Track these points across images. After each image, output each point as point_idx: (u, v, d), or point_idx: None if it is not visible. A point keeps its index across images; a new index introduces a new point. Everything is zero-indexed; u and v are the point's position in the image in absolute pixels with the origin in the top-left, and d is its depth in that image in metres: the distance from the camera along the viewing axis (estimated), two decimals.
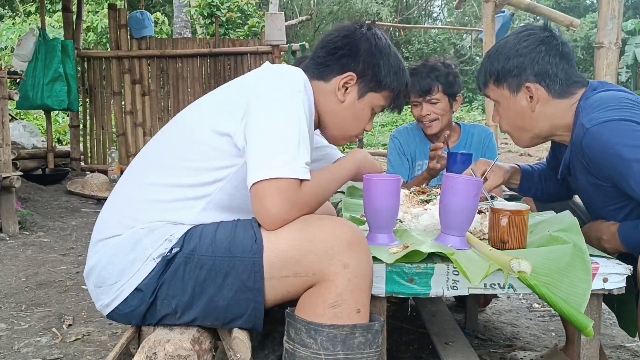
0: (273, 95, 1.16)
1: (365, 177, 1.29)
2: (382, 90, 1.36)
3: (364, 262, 1.09)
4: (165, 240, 1.13)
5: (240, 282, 1.10)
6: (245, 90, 1.20)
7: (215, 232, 1.14)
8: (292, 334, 1.10)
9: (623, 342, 2.09)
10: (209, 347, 1.16)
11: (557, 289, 1.11)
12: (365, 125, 1.40)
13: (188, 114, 1.29)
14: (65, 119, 8.41)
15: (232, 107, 1.18)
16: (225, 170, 1.18)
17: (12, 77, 4.67)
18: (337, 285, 1.07)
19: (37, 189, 4.96)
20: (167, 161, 1.21)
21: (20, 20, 11.74)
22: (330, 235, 1.08)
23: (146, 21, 5.79)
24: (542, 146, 8.60)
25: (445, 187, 1.26)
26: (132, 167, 1.28)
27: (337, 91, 1.33)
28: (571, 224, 1.28)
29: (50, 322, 2.23)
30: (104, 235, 1.19)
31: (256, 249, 1.10)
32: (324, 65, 1.34)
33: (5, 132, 3.69)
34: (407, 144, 2.34)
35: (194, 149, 1.18)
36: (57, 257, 3.22)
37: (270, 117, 1.13)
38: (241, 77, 1.30)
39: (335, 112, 1.35)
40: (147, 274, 1.13)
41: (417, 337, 2.12)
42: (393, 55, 1.36)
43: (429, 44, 18.06)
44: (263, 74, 1.25)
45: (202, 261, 1.11)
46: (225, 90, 1.28)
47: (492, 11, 4.01)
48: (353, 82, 1.33)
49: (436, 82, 2.15)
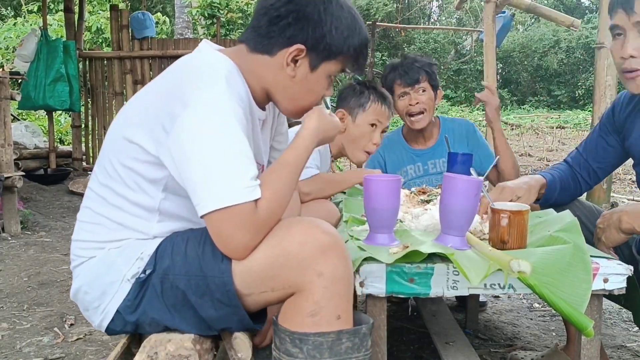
0: (198, 105, 1.03)
1: (366, 177, 1.29)
2: (337, 57, 1.19)
3: (339, 267, 1.04)
4: (137, 259, 1.11)
5: (216, 299, 1.08)
6: (166, 97, 1.09)
7: (186, 248, 1.10)
8: (278, 342, 1.08)
9: (624, 342, 2.09)
10: (210, 346, 1.16)
11: (557, 289, 1.11)
12: (325, 92, 1.25)
13: (115, 125, 1.20)
14: (67, 119, 8.42)
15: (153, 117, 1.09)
16: (157, 182, 1.11)
17: (14, 78, 4.70)
18: (313, 294, 1.03)
19: (39, 189, 4.97)
20: (109, 182, 1.15)
21: (21, 20, 11.75)
22: (302, 245, 1.03)
23: (147, 22, 5.81)
24: (542, 146, 8.49)
25: (445, 187, 1.26)
26: (88, 189, 1.22)
27: (286, 66, 1.16)
28: (571, 223, 1.28)
29: (52, 321, 2.24)
30: (80, 261, 1.18)
31: (224, 268, 1.06)
32: (267, 37, 1.16)
33: (7, 132, 3.70)
34: (389, 154, 2.33)
35: (121, 164, 1.13)
36: (59, 257, 3.23)
37: (201, 136, 1.01)
38: (163, 77, 1.18)
39: (287, 88, 1.19)
40: (124, 296, 1.11)
41: (417, 336, 2.12)
42: (346, 13, 1.17)
43: (429, 43, 18.05)
44: (182, 79, 1.11)
45: (177, 281, 1.08)
46: (147, 96, 1.17)
47: (493, 12, 4.01)
48: (303, 54, 1.15)
49: (422, 72, 2.18)
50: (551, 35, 18.41)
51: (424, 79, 2.19)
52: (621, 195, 5.29)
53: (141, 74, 5.87)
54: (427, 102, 2.19)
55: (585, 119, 12.55)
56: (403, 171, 2.31)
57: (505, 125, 12.00)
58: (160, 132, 1.07)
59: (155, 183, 1.12)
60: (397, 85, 2.21)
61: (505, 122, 12.23)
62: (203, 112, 1.03)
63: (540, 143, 9.61)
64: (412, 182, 2.28)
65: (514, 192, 1.53)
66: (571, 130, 11.60)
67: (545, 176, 1.65)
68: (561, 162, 1.78)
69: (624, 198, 5.19)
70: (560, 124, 12.22)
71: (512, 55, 18.67)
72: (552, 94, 18.18)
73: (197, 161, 1.01)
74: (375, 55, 7.04)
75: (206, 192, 1.00)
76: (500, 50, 14.07)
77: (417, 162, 2.30)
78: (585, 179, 1.68)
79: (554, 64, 18.14)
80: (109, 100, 5.96)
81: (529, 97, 18.49)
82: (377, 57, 15.98)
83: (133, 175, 1.12)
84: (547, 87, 18.57)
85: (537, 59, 18.48)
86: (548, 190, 1.64)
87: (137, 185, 1.13)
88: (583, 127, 11.75)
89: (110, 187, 1.15)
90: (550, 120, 13.32)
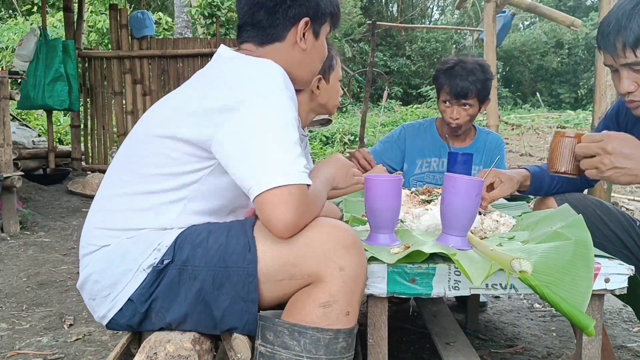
0: (257, 97, 1.08)
1: (367, 177, 1.29)
2: (326, 20, 1.31)
3: (360, 265, 1.08)
4: (154, 250, 1.11)
5: (234, 292, 1.09)
6: (218, 91, 1.12)
7: (208, 239, 1.11)
8: (271, 337, 1.07)
9: (624, 342, 2.09)
10: (209, 347, 1.16)
11: (558, 288, 1.11)
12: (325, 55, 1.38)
13: (150, 119, 1.23)
14: (66, 119, 8.42)
15: (202, 110, 1.11)
16: (195, 174, 1.14)
17: (13, 77, 4.67)
18: (330, 287, 1.06)
19: (38, 189, 4.96)
20: (137, 169, 1.17)
21: (21, 20, 11.75)
22: (328, 237, 1.07)
23: (147, 21, 5.80)
24: (543, 146, 8.51)
25: (446, 187, 1.25)
26: (107, 177, 1.24)
27: (300, 42, 1.26)
28: (576, 219, 1.27)
29: (51, 321, 2.23)
30: (91, 249, 1.18)
31: (250, 258, 1.08)
32: (272, 26, 1.24)
33: (6, 132, 3.69)
34: (413, 139, 2.29)
35: (158, 154, 1.14)
36: (58, 257, 3.23)
37: (263, 121, 1.06)
38: (202, 75, 1.23)
39: (302, 62, 1.30)
40: (139, 285, 1.11)
41: (417, 337, 2.11)
42: None
43: (430, 42, 18.06)
44: (237, 73, 1.15)
45: (196, 272, 1.09)
46: (189, 91, 1.21)
47: (493, 11, 4.01)
48: (308, 26, 1.26)
49: (474, 87, 2.06)
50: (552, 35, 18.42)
51: (473, 95, 2.08)
52: (621, 196, 5.29)
53: (140, 73, 5.87)
54: (466, 118, 2.13)
55: (586, 118, 12.56)
56: (426, 161, 2.27)
57: (505, 125, 12.00)
58: (209, 127, 1.09)
59: (189, 174, 1.14)
60: (444, 91, 2.13)
61: (505, 122, 12.24)
62: (267, 97, 1.08)
63: (540, 143, 9.61)
64: (430, 175, 2.25)
65: (497, 175, 1.58)
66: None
67: (528, 169, 1.69)
68: None
69: (624, 198, 5.19)
70: (560, 123, 12.23)
71: (513, 54, 18.68)
72: (553, 93, 18.19)
73: (255, 147, 1.05)
74: (376, 55, 7.04)
75: (263, 174, 1.03)
76: (501, 49, 14.08)
77: (443, 157, 2.25)
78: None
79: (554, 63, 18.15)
80: (108, 100, 5.95)
81: (530, 97, 18.50)
82: (378, 57, 16.00)
83: (164, 166, 1.14)
84: (548, 87, 18.57)
85: (538, 59, 18.49)
86: (534, 180, 1.67)
87: (163, 177, 1.14)
88: (583, 126, 11.75)
89: (136, 175, 1.17)
90: (550, 120, 13.33)
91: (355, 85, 14.61)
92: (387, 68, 16.60)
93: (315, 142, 9.68)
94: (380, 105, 9.65)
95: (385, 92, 7.47)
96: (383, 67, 16.19)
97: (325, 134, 10.02)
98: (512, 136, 10.71)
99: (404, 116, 12.50)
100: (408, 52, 17.68)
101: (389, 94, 9.89)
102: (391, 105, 14.26)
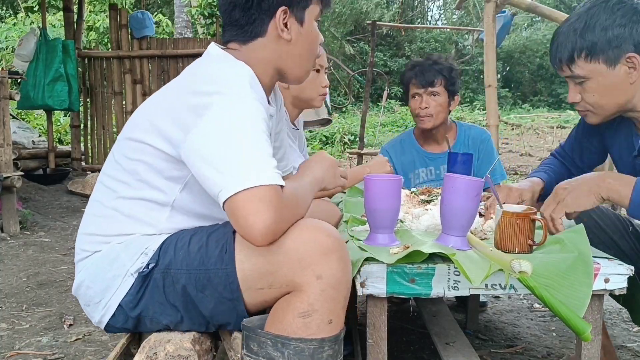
0: (221, 101, 1.04)
1: (366, 177, 1.29)
2: (310, 2, 1.23)
3: (339, 271, 1.03)
4: (142, 254, 1.11)
5: (217, 294, 1.07)
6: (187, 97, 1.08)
7: (189, 243, 1.10)
8: (255, 347, 1.04)
9: (624, 342, 2.09)
10: (209, 347, 1.16)
11: (556, 291, 1.11)
12: (320, 39, 1.29)
13: (133, 123, 1.20)
14: (66, 119, 8.42)
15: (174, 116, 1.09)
16: (178, 179, 1.12)
17: (13, 77, 4.67)
18: (309, 296, 1.01)
19: (38, 189, 4.96)
20: (123, 175, 1.16)
21: (21, 19, 11.74)
22: (305, 245, 1.02)
23: (147, 21, 5.80)
24: (543, 146, 8.46)
25: (446, 187, 1.25)
26: (98, 182, 1.23)
27: (282, 33, 1.19)
28: (577, 227, 1.28)
29: (51, 321, 2.24)
30: (84, 255, 1.18)
31: (227, 259, 1.06)
32: (250, 22, 1.19)
33: (6, 132, 3.69)
34: (398, 157, 2.31)
35: (141, 161, 1.13)
36: (58, 257, 3.23)
37: (228, 124, 1.02)
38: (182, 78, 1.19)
39: (291, 54, 1.22)
40: (127, 290, 1.11)
41: (417, 337, 2.11)
42: None
43: (430, 42, 18.06)
44: (204, 76, 1.13)
45: (178, 275, 1.09)
46: (166, 95, 1.18)
47: (493, 11, 4.00)
48: (288, 14, 1.19)
49: (439, 75, 2.16)
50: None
51: (440, 82, 2.16)
52: None
53: (140, 73, 5.87)
54: (436, 107, 2.17)
55: None
56: (415, 173, 2.29)
57: (505, 125, 11.99)
58: (179, 133, 1.06)
59: (173, 180, 1.13)
60: (412, 84, 2.20)
61: (505, 122, 12.23)
62: (227, 109, 1.03)
63: (540, 143, 9.61)
64: (422, 185, 2.26)
65: (521, 194, 1.57)
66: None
67: (542, 177, 1.70)
68: (550, 158, 1.83)
69: None
70: (560, 123, 12.22)
71: (513, 54, 18.68)
72: (553, 93, 18.19)
73: (221, 152, 1.00)
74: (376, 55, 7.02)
75: (231, 177, 0.98)
76: (501, 49, 14.07)
77: (430, 165, 2.28)
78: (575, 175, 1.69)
79: None
80: (108, 100, 5.95)
81: (530, 97, 18.50)
82: (378, 57, 15.99)
83: (148, 172, 1.13)
84: (548, 87, 18.57)
85: (539, 58, 18.49)
86: (546, 190, 1.66)
87: (151, 181, 1.13)
88: None
89: (123, 181, 1.16)
90: (550, 120, 13.32)
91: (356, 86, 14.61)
92: (387, 68, 16.61)
93: (315, 142, 9.69)
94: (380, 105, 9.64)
95: (385, 92, 7.45)
96: (383, 67, 16.19)
97: (325, 134, 10.02)
98: (512, 136, 10.71)
99: (404, 116, 12.49)
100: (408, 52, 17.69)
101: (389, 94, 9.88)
102: (391, 105, 14.26)
